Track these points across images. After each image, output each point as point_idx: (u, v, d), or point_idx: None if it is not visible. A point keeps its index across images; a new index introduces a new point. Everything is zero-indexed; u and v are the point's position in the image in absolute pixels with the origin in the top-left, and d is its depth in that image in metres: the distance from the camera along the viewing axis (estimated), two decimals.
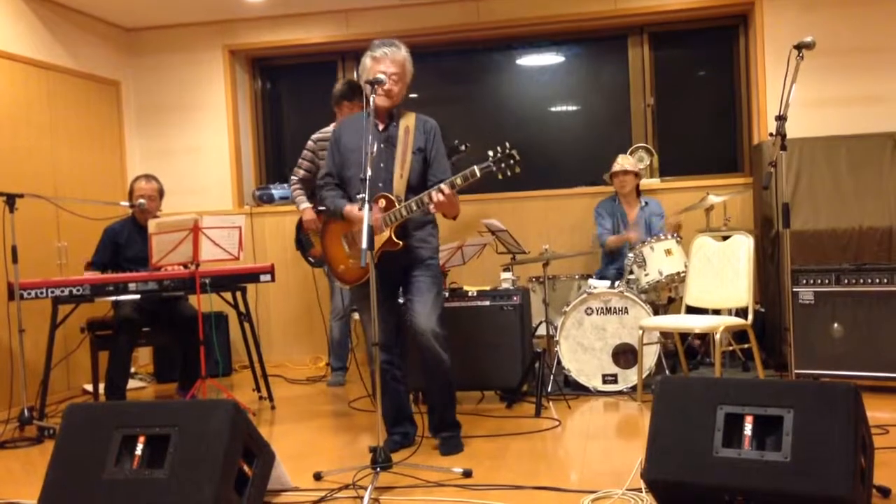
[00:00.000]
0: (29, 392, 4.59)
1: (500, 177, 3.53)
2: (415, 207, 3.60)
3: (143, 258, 5.01)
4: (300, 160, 5.48)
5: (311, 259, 5.62)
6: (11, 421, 4.57)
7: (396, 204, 3.64)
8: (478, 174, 3.51)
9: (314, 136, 5.48)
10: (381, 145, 3.77)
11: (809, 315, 4.66)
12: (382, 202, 3.67)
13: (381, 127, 3.80)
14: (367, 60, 3.77)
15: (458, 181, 3.52)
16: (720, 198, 5.45)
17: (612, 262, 5.68)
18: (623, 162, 5.65)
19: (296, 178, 5.48)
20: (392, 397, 3.89)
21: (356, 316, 5.78)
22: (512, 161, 3.51)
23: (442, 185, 3.55)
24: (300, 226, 5.58)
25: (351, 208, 3.72)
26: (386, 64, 3.71)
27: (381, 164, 3.74)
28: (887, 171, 5.31)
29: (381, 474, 3.28)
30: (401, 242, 3.66)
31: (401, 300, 3.94)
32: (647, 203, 5.71)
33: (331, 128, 5.49)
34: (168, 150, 6.75)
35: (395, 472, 3.39)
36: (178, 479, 2.73)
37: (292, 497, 3.27)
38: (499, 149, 3.51)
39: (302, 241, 5.61)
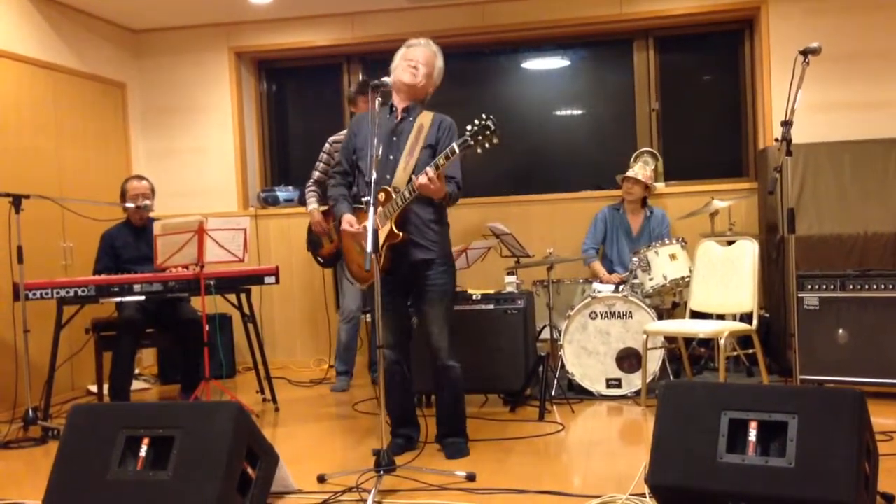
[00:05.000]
0: (33, 392, 4.59)
1: (478, 150, 3.45)
2: (407, 195, 3.59)
3: (141, 258, 5.03)
4: (317, 162, 5.49)
5: (320, 259, 5.62)
6: (16, 421, 4.59)
7: (393, 196, 3.64)
8: (457, 150, 3.47)
9: (331, 139, 5.49)
10: (394, 138, 3.77)
11: (814, 320, 4.66)
12: (382, 195, 3.66)
13: (397, 117, 3.81)
14: (400, 51, 3.84)
15: (441, 161, 3.51)
16: (725, 202, 5.45)
17: (611, 273, 5.67)
18: (638, 171, 5.62)
19: (311, 179, 5.52)
20: (399, 397, 3.90)
21: (368, 318, 5.79)
22: (488, 131, 3.42)
23: (427, 169, 3.52)
24: (311, 226, 5.59)
25: (346, 220, 3.74)
26: (416, 50, 3.79)
27: (390, 157, 3.74)
28: (892, 176, 5.30)
29: (384, 477, 3.29)
30: (401, 234, 3.64)
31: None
32: (651, 212, 5.69)
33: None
34: (173, 151, 6.76)
35: (398, 475, 3.39)
36: (181, 480, 2.73)
37: (295, 499, 3.28)
38: (476, 121, 3.45)
39: (313, 241, 5.62)
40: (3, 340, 5.04)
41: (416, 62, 3.77)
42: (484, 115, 3.44)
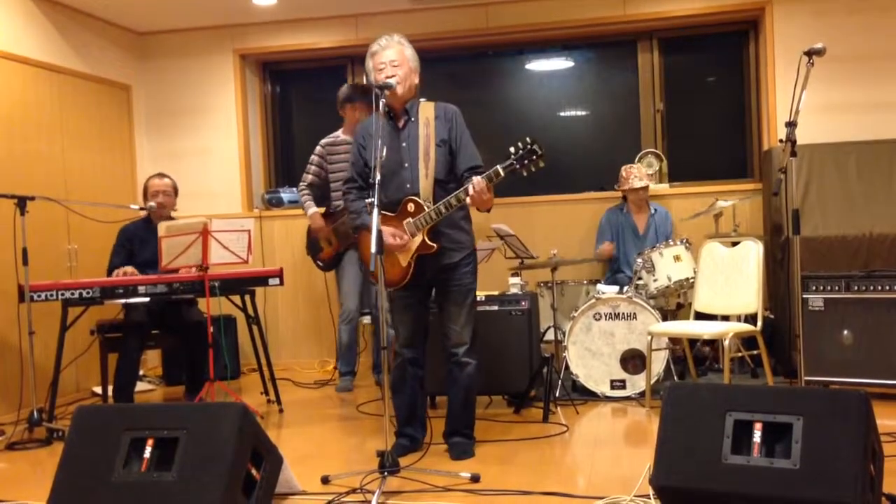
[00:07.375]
0: (38, 394, 4.60)
1: (524, 174, 3.46)
2: (444, 210, 3.57)
3: (155, 261, 5.03)
4: (308, 165, 5.53)
5: (319, 263, 5.63)
6: (21, 422, 4.59)
7: (425, 207, 3.61)
8: (501, 174, 3.47)
9: (322, 142, 5.52)
10: (404, 144, 3.72)
11: (819, 322, 4.64)
12: (411, 206, 3.64)
13: (400, 125, 3.76)
14: (367, 62, 3.77)
15: (491, 178, 3.48)
16: (730, 203, 5.44)
17: (618, 272, 5.67)
18: (636, 180, 5.61)
19: (304, 183, 5.55)
20: (409, 395, 3.89)
21: (365, 320, 5.80)
22: (535, 156, 3.43)
23: (474, 181, 3.48)
24: (310, 230, 5.60)
25: (389, 232, 3.63)
26: (381, 55, 3.71)
27: (406, 165, 3.69)
28: None
29: (388, 478, 3.29)
30: (435, 245, 3.64)
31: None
32: (656, 210, 5.72)
33: (338, 133, 5.53)
34: (178, 153, 6.77)
35: (402, 476, 3.38)
36: (186, 481, 2.74)
37: (300, 500, 3.28)
38: (520, 144, 3.44)
39: (312, 245, 5.62)
40: (8, 342, 5.05)
41: (388, 65, 3.66)
42: (528, 139, 3.44)
